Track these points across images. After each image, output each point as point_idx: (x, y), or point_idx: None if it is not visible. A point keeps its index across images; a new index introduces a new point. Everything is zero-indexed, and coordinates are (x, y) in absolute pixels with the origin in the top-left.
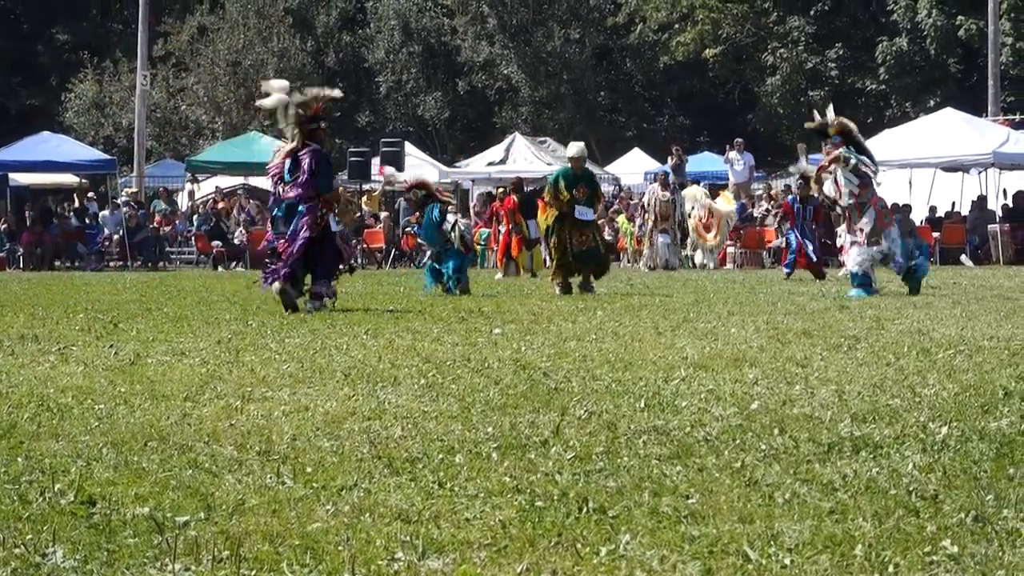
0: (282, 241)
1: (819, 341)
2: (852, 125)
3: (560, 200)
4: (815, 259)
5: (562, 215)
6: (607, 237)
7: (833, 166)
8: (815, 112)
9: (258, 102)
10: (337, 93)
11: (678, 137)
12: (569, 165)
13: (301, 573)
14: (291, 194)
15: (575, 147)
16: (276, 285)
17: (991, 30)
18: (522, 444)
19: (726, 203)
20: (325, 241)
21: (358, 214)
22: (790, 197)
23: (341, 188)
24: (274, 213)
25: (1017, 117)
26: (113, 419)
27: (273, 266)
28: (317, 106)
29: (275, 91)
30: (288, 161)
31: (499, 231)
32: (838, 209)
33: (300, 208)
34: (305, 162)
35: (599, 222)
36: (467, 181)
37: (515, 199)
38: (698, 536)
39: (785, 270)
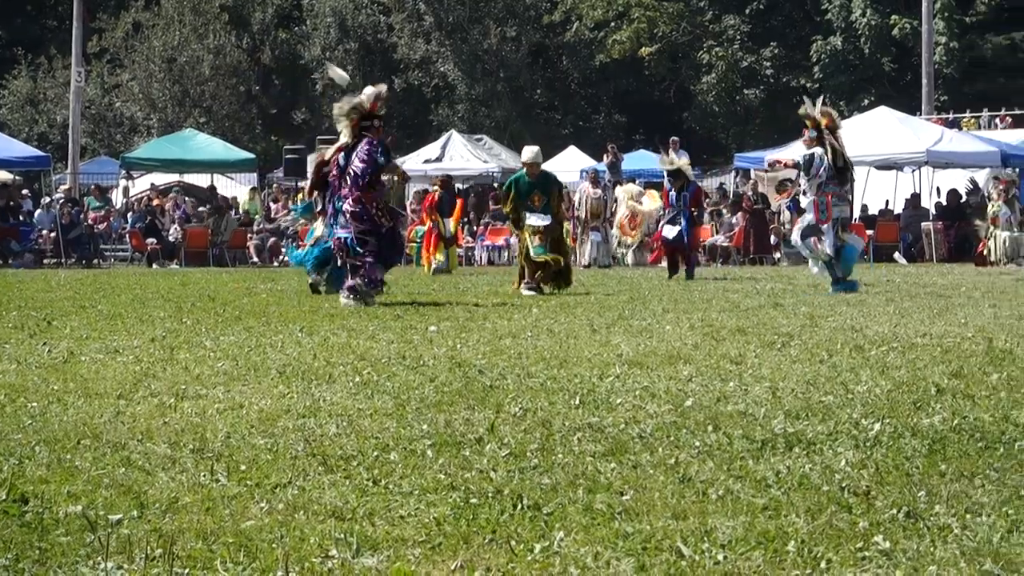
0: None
1: (753, 338)
2: (838, 121)
3: (510, 207)
4: (686, 249)
5: (521, 219)
6: None
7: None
8: (805, 99)
9: (330, 73)
10: (383, 88)
11: (614, 135)
12: (524, 170)
13: (235, 571)
14: (343, 191)
15: (529, 152)
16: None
17: (925, 29)
18: (457, 441)
19: (651, 201)
20: (394, 233)
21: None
22: (667, 184)
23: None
24: (333, 207)
25: (950, 116)
26: (46, 417)
27: (362, 271)
28: (373, 104)
29: (339, 80)
30: (342, 156)
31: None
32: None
33: (350, 207)
34: (359, 157)
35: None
36: None
37: (436, 196)
38: (632, 533)
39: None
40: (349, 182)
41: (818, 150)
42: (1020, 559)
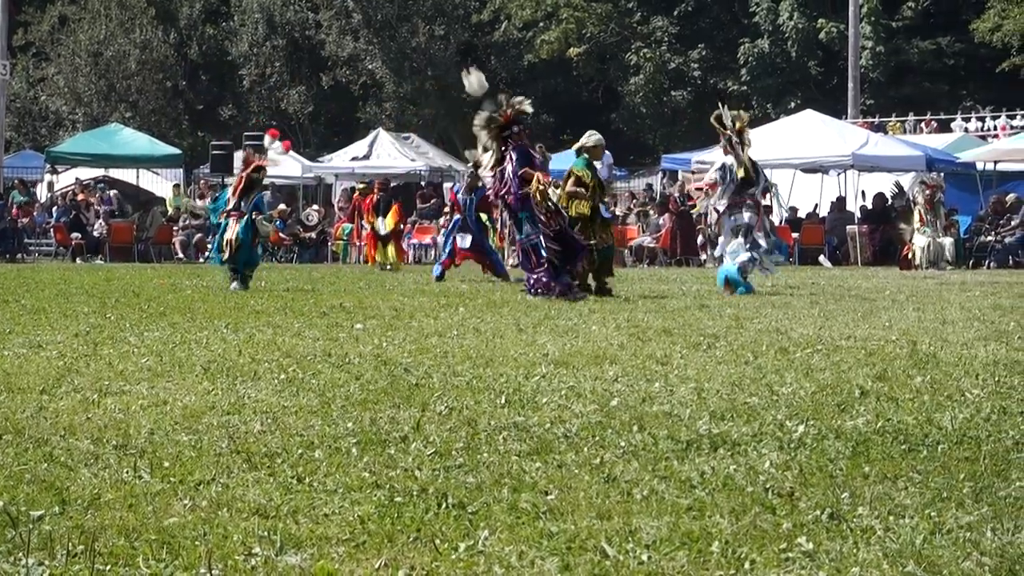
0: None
1: (679, 339)
2: (747, 133)
3: (587, 192)
4: (479, 251)
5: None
6: None
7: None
8: (722, 105)
9: (465, 82)
10: (528, 107)
11: (542, 135)
12: (586, 156)
13: (157, 568)
14: (510, 200)
15: (596, 136)
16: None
17: (851, 33)
18: (382, 440)
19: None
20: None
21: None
22: (456, 187)
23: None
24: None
25: (876, 120)
26: None
27: (534, 276)
28: (507, 114)
29: (476, 86)
30: (498, 171)
31: (362, 227)
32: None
33: (522, 215)
34: (509, 168)
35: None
36: (330, 176)
37: (375, 197)
38: (556, 532)
39: (435, 273)
40: (512, 190)
41: (728, 159)
42: (943, 561)
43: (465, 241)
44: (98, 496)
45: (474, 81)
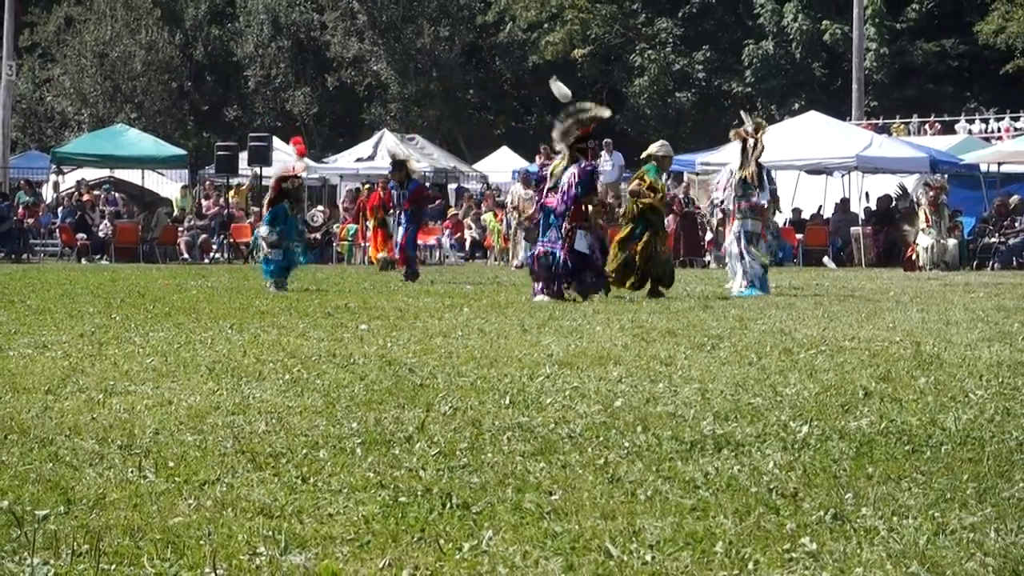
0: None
1: (683, 340)
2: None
3: (659, 196)
4: (400, 251)
5: (653, 220)
6: (474, 236)
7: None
8: (743, 114)
9: (553, 89)
10: (606, 112)
11: (546, 136)
12: (655, 164)
13: (162, 567)
14: (550, 202)
15: (666, 147)
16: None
17: (856, 35)
18: (386, 440)
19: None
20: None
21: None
22: (391, 183)
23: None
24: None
25: (880, 121)
26: None
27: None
28: (586, 128)
29: (561, 95)
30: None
31: (367, 227)
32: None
33: (552, 220)
34: (570, 179)
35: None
36: (335, 177)
37: (381, 195)
38: (560, 532)
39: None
40: (562, 199)
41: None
42: (946, 561)
43: (399, 235)
44: (103, 496)
45: (559, 90)
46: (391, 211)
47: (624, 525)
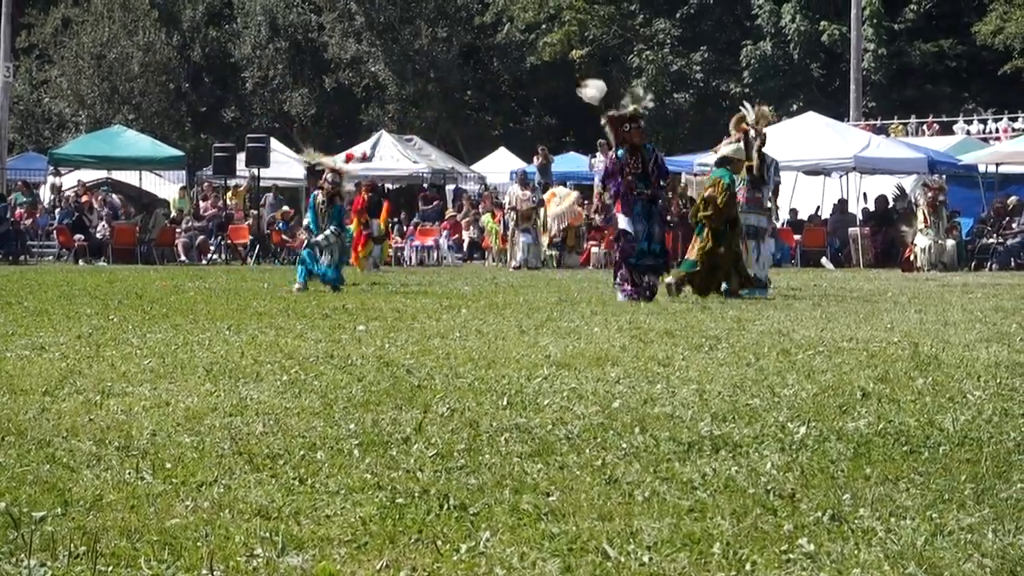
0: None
1: (681, 341)
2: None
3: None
4: None
5: (732, 219)
6: (472, 236)
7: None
8: (745, 105)
9: (581, 93)
10: (649, 102)
11: (544, 137)
12: (728, 169)
13: (159, 569)
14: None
15: (739, 146)
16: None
17: (854, 36)
18: (384, 441)
19: (565, 200)
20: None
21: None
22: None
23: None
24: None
25: (878, 122)
26: None
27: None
28: (628, 113)
29: (594, 90)
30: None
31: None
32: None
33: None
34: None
35: None
36: None
37: (364, 198)
38: (558, 533)
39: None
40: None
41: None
42: (944, 562)
43: None
44: (100, 497)
45: (591, 92)
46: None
47: (622, 526)
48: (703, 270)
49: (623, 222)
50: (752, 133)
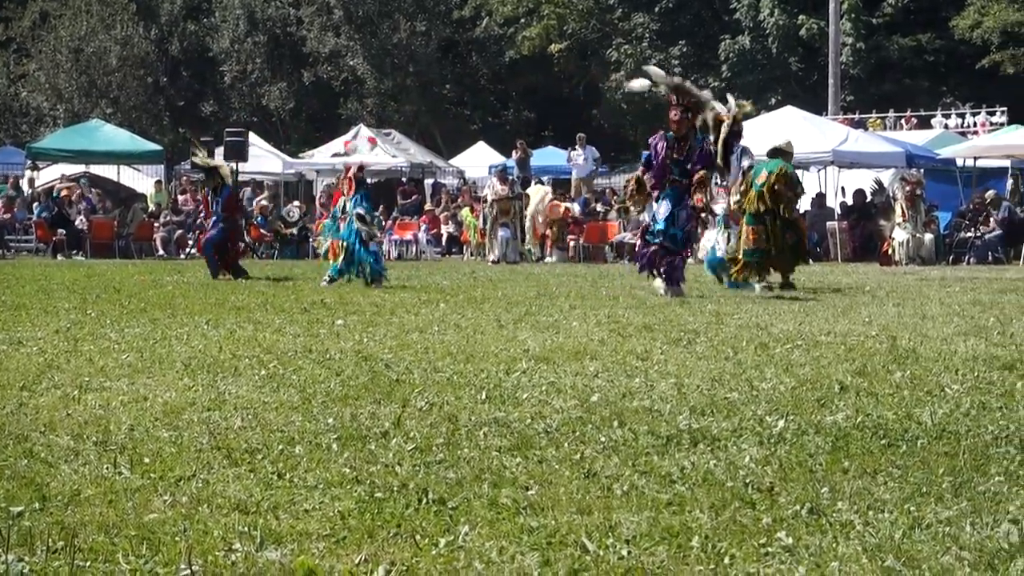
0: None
1: (659, 335)
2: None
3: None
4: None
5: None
6: (451, 231)
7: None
8: (729, 97)
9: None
10: (711, 95)
11: (523, 131)
12: (781, 160)
13: (137, 564)
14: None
15: (788, 140)
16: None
17: (832, 30)
18: (363, 435)
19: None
20: None
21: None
22: (207, 190)
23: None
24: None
25: (856, 116)
26: None
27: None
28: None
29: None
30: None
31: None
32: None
33: (685, 197)
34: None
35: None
36: (311, 172)
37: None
38: (537, 527)
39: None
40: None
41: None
42: (922, 555)
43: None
44: (78, 492)
45: (640, 83)
46: (208, 218)
47: (600, 520)
48: (782, 254)
49: (646, 215)
50: (726, 124)
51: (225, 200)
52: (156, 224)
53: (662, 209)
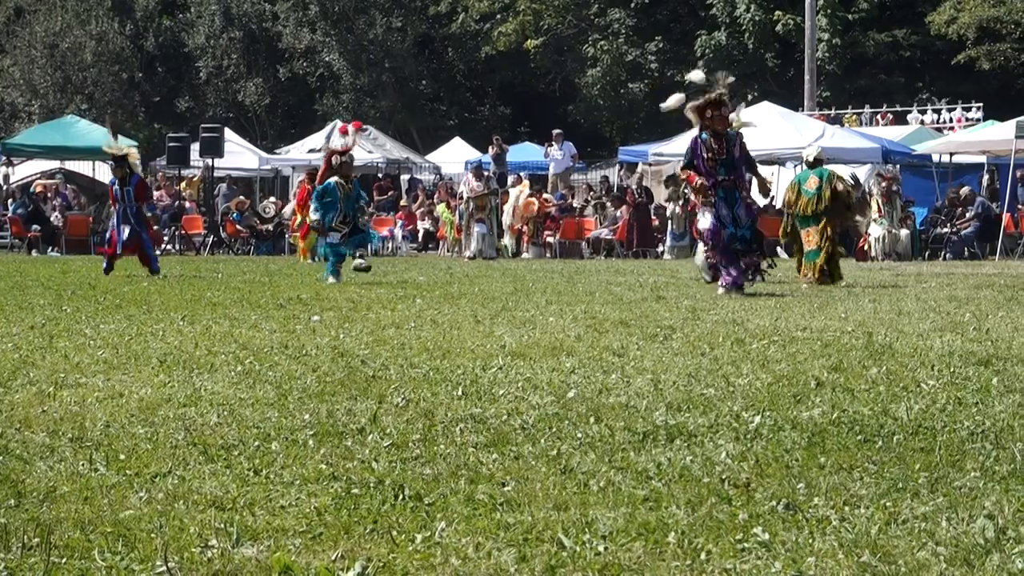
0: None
1: (636, 331)
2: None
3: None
4: (137, 244)
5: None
6: (427, 227)
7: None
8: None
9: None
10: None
11: (499, 127)
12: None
13: (113, 561)
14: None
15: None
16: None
17: (808, 26)
18: (339, 431)
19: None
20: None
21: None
22: (112, 180)
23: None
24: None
25: (833, 112)
26: None
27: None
28: (711, 98)
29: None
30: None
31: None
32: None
33: (737, 195)
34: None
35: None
36: (287, 168)
37: (308, 188)
38: (513, 523)
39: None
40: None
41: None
42: (898, 551)
43: (124, 234)
44: (54, 489)
45: (673, 101)
46: (115, 208)
47: (577, 516)
48: (831, 258)
49: (704, 222)
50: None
51: (135, 188)
52: None
53: (723, 214)
